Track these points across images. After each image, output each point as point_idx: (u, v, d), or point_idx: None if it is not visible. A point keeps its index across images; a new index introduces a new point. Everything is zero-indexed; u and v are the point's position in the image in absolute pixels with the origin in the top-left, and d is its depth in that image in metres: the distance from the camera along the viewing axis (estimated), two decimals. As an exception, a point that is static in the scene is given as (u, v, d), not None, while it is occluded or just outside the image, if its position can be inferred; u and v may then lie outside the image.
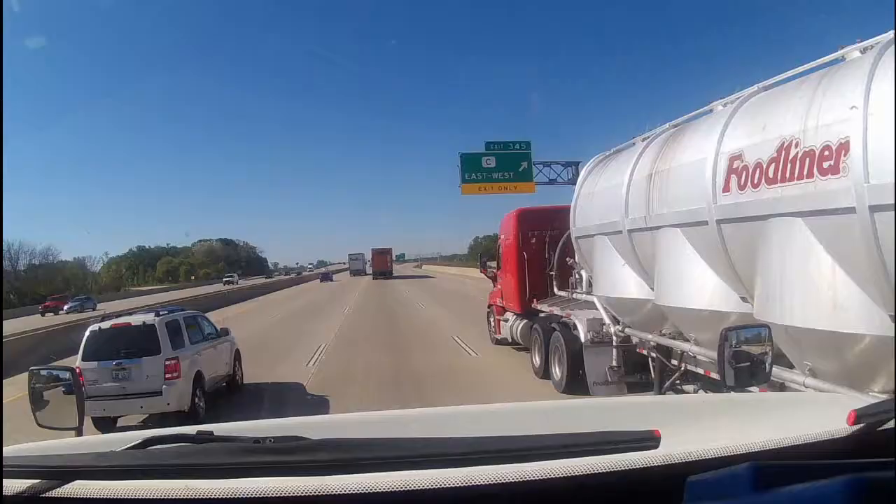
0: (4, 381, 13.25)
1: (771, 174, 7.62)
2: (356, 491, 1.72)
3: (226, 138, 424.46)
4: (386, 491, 1.72)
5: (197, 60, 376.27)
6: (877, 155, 6.19)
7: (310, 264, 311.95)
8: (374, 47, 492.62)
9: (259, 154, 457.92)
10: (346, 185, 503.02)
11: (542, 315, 18.23)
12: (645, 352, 12.75)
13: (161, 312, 15.06)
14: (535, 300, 18.92)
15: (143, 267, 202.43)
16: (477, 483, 1.74)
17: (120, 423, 14.06)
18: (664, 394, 11.11)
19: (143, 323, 14.26)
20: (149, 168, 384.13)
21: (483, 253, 29.29)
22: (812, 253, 7.12)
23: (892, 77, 6.16)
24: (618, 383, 13.90)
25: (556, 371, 16.15)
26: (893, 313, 6.35)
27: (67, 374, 3.60)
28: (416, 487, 1.73)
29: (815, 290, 7.15)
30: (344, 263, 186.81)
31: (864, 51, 7.15)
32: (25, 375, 3.65)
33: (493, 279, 23.75)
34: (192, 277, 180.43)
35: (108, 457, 1.94)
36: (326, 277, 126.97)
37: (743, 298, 8.86)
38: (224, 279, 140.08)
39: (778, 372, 7.35)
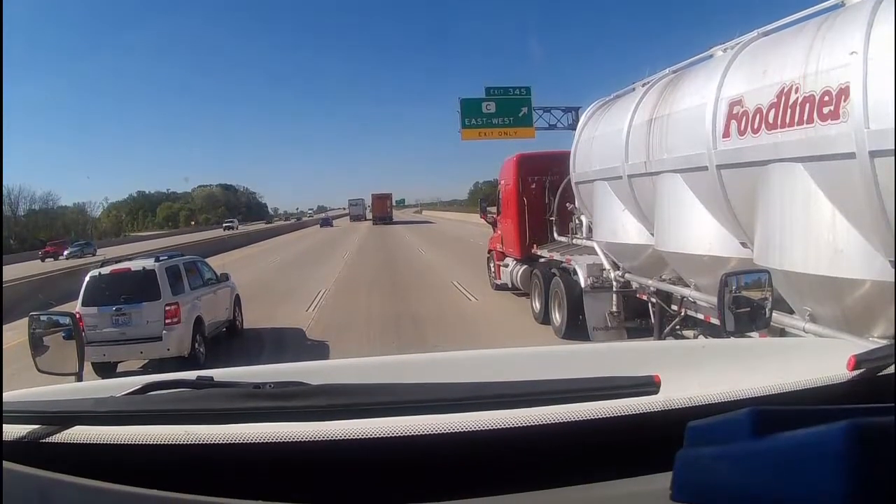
0: (4, 327, 13.28)
1: (771, 119, 7.59)
2: (355, 436, 1.72)
3: (226, 83, 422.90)
4: (385, 436, 1.72)
5: (197, 3, 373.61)
6: (877, 100, 6.16)
7: (310, 210, 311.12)
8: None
9: (259, 99, 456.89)
10: (347, 131, 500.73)
11: (542, 260, 18.20)
12: (645, 297, 12.79)
13: (161, 258, 15.04)
14: (535, 245, 18.87)
15: (142, 212, 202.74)
16: (476, 428, 1.74)
17: (120, 368, 14.10)
18: (664, 339, 11.15)
19: (143, 268, 14.25)
20: (149, 113, 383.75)
21: (483, 198, 29.19)
22: (812, 198, 7.10)
23: (893, 22, 6.11)
24: (618, 329, 13.95)
25: (556, 316, 16.20)
26: (893, 258, 6.35)
27: (67, 320, 3.60)
28: (416, 433, 1.73)
29: (814, 235, 7.15)
30: (344, 209, 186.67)
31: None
32: (25, 321, 3.65)
33: (493, 225, 23.68)
34: (192, 223, 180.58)
35: (107, 402, 1.93)
36: (326, 223, 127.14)
37: (743, 244, 8.86)
38: (224, 224, 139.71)
39: (778, 317, 7.37)
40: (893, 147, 5.78)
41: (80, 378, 3.15)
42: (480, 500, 1.45)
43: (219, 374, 2.33)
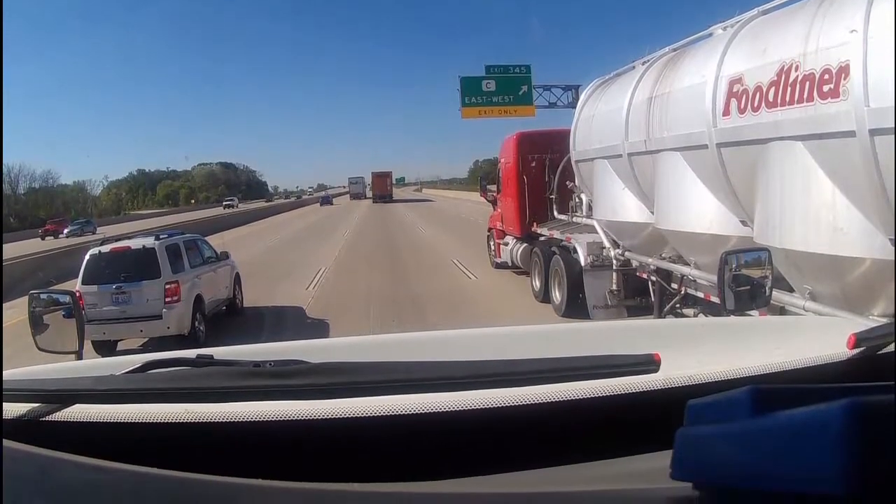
0: (4, 305, 13.30)
1: (771, 98, 7.58)
2: (354, 414, 1.72)
3: (226, 62, 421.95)
4: (384, 415, 1.72)
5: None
6: (876, 79, 6.14)
7: (310, 188, 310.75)
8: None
9: (259, 77, 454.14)
10: (347, 109, 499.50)
11: (542, 239, 18.19)
12: (645, 275, 12.81)
13: (161, 236, 15.03)
14: (535, 224, 18.85)
15: (142, 190, 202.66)
16: (476, 406, 1.74)
17: (120, 346, 14.10)
18: (664, 317, 11.17)
19: (143, 247, 14.24)
20: (149, 91, 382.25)
21: (483, 176, 29.15)
22: (812, 176, 7.10)
23: (893, 1, 6.08)
24: (617, 307, 13.98)
25: (556, 294, 16.22)
26: (893, 237, 6.34)
27: (67, 298, 3.60)
28: (415, 411, 1.73)
29: (814, 213, 7.14)
30: (344, 187, 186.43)
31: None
32: (25, 299, 3.65)
33: (493, 203, 23.64)
34: (192, 201, 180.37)
35: (107, 380, 1.93)
36: (326, 201, 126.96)
37: (743, 222, 8.86)
38: (224, 203, 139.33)
39: (778, 296, 7.37)
40: (893, 125, 5.77)
41: (80, 356, 3.16)
42: (481, 478, 1.45)
43: (219, 352, 2.33)
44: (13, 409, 1.72)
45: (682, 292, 11.06)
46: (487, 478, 1.46)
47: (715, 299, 8.86)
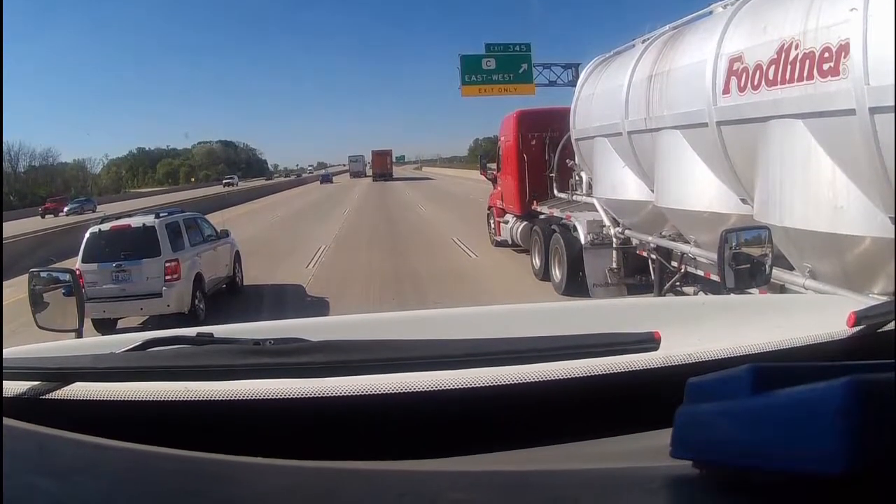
0: (4, 283, 13.31)
1: (771, 76, 7.56)
2: (355, 393, 1.72)
3: (226, 39, 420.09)
4: (384, 393, 1.73)
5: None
6: (876, 57, 6.12)
7: (310, 166, 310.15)
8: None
9: (259, 56, 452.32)
10: (347, 88, 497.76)
11: (542, 217, 18.19)
12: (645, 254, 12.81)
13: (161, 214, 15.01)
14: (535, 202, 18.84)
15: (142, 169, 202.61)
16: (476, 385, 1.74)
17: (120, 325, 14.10)
18: (664, 296, 11.18)
19: (143, 225, 14.26)
20: (149, 69, 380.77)
21: (483, 155, 29.12)
22: (812, 155, 7.09)
23: None
24: (618, 285, 14.00)
25: (556, 273, 16.21)
26: (893, 215, 6.34)
27: (67, 276, 3.59)
28: (415, 389, 1.73)
29: (815, 191, 7.14)
30: (344, 165, 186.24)
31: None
32: (25, 277, 3.65)
33: (493, 181, 23.61)
34: (192, 179, 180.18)
35: (107, 358, 1.93)
36: (326, 179, 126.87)
37: (743, 200, 8.85)
38: (224, 181, 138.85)
39: (778, 274, 7.38)
40: (893, 104, 5.76)
41: (79, 334, 3.15)
42: (480, 456, 1.45)
43: (219, 330, 2.33)
44: (13, 387, 1.72)
45: (683, 270, 11.07)
46: (486, 456, 1.46)
47: (715, 277, 8.87)
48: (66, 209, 72.97)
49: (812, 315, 2.73)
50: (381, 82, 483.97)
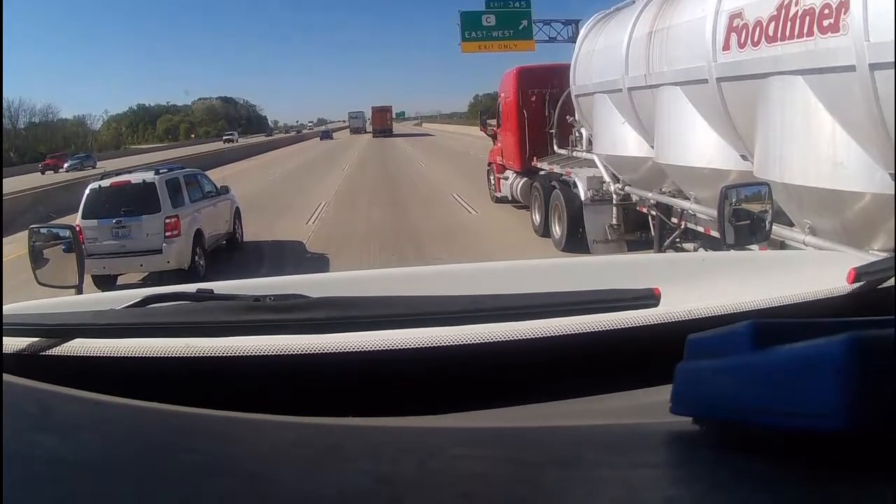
0: (4, 240, 13.30)
1: (771, 32, 7.53)
2: (354, 349, 1.72)
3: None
4: (383, 349, 1.73)
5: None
6: (876, 13, 6.07)
7: (310, 122, 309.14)
8: None
9: (259, 10, 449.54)
10: (348, 43, 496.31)
11: (542, 173, 18.12)
12: (645, 210, 12.80)
13: (161, 170, 14.96)
14: (535, 158, 18.74)
15: (143, 125, 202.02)
16: (475, 341, 1.74)
17: (120, 281, 14.10)
18: (664, 252, 11.19)
19: (143, 181, 14.21)
20: (149, 24, 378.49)
21: (483, 111, 29.01)
22: (812, 111, 7.08)
23: None
24: (618, 241, 14.00)
25: (556, 229, 16.20)
26: (893, 171, 6.34)
27: (67, 232, 3.58)
28: (414, 345, 1.74)
29: (814, 148, 7.13)
30: (344, 122, 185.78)
31: None
32: (25, 233, 3.65)
33: (493, 137, 23.46)
34: (192, 136, 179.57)
35: (107, 315, 1.93)
36: (326, 135, 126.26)
37: (743, 156, 8.84)
38: (224, 137, 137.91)
39: (778, 230, 7.38)
40: (893, 60, 5.73)
41: (80, 291, 3.15)
42: (478, 412, 1.46)
43: (219, 286, 2.33)
44: (13, 344, 1.73)
45: (682, 227, 11.07)
46: (485, 412, 1.46)
47: (715, 234, 8.88)
48: (66, 165, 72.72)
49: (812, 271, 2.73)
50: (381, 38, 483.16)
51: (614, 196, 13.90)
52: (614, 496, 0.79)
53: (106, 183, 14.30)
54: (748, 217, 3.89)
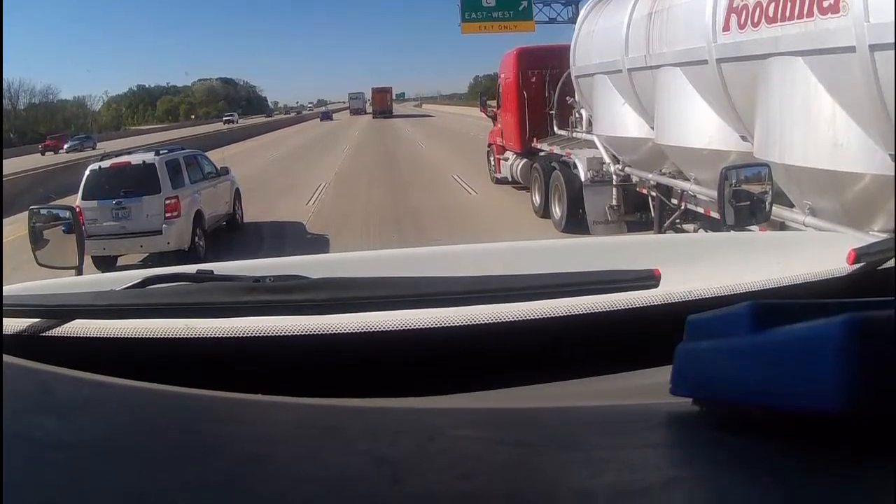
0: (4, 221, 13.29)
1: (771, 13, 7.51)
2: (354, 330, 1.73)
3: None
4: (384, 330, 1.73)
5: None
6: (876, -6, 6.08)
7: (310, 103, 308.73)
8: None
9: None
10: (348, 24, 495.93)
11: (542, 154, 18.05)
12: (645, 191, 12.78)
13: (161, 151, 14.97)
14: (535, 139, 18.70)
15: (143, 106, 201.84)
16: (476, 322, 1.74)
17: (120, 262, 14.14)
18: (664, 233, 11.19)
19: (143, 162, 14.20)
20: (149, 4, 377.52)
21: (483, 92, 28.99)
22: (812, 92, 7.06)
23: None
24: (618, 222, 13.98)
25: (556, 210, 16.16)
26: (893, 152, 6.33)
27: (67, 213, 3.57)
28: (415, 326, 1.74)
29: (814, 129, 7.12)
30: (344, 103, 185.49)
31: None
32: (25, 214, 3.64)
33: (493, 118, 23.37)
34: (192, 116, 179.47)
35: (107, 296, 1.93)
36: (326, 116, 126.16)
37: (743, 137, 8.83)
38: (224, 118, 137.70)
39: (778, 211, 7.37)
40: (893, 41, 5.71)
41: (79, 272, 3.15)
42: (478, 393, 1.46)
43: (219, 267, 2.32)
44: (13, 325, 1.73)
45: (682, 207, 11.06)
46: (485, 393, 1.46)
47: (715, 215, 8.88)
48: (65, 146, 72.65)
49: (812, 252, 2.73)
50: (382, 19, 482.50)
51: (614, 177, 13.87)
52: (615, 477, 0.79)
53: (106, 164, 14.30)
54: (748, 198, 3.89)
